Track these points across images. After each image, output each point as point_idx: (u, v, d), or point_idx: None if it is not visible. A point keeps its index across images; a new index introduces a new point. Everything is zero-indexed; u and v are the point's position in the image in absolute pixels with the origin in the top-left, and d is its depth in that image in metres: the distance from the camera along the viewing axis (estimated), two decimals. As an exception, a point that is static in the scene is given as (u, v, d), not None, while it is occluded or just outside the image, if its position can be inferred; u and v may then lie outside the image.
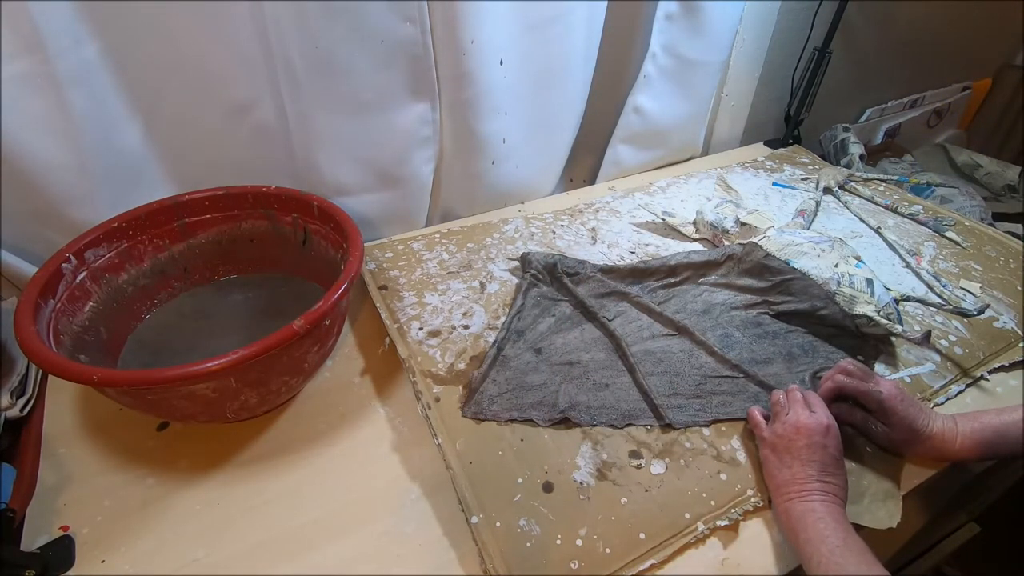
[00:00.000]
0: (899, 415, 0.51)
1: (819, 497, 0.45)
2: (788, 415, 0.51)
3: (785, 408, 0.52)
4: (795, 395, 0.53)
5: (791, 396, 0.53)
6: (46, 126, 0.56)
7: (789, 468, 0.48)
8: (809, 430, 0.49)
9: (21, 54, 0.52)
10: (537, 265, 0.72)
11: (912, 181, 1.06)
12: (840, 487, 0.47)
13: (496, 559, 0.44)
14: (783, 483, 0.48)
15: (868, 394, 0.52)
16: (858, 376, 0.54)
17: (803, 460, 0.48)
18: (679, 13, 0.84)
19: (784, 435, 0.50)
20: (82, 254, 0.56)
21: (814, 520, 0.44)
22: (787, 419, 0.51)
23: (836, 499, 0.46)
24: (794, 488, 0.47)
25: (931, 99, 1.39)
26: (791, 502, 0.46)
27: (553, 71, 0.79)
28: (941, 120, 1.45)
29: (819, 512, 0.44)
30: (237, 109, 0.65)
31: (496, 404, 0.56)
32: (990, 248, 0.83)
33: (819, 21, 1.00)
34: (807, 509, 0.45)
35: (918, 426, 0.51)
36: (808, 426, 0.49)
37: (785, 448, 0.49)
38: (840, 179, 0.97)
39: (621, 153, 0.97)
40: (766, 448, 0.51)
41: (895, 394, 0.52)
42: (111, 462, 0.53)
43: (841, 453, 0.49)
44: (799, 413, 0.51)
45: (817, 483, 0.46)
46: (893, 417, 0.51)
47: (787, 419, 0.51)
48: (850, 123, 1.26)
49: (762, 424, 0.53)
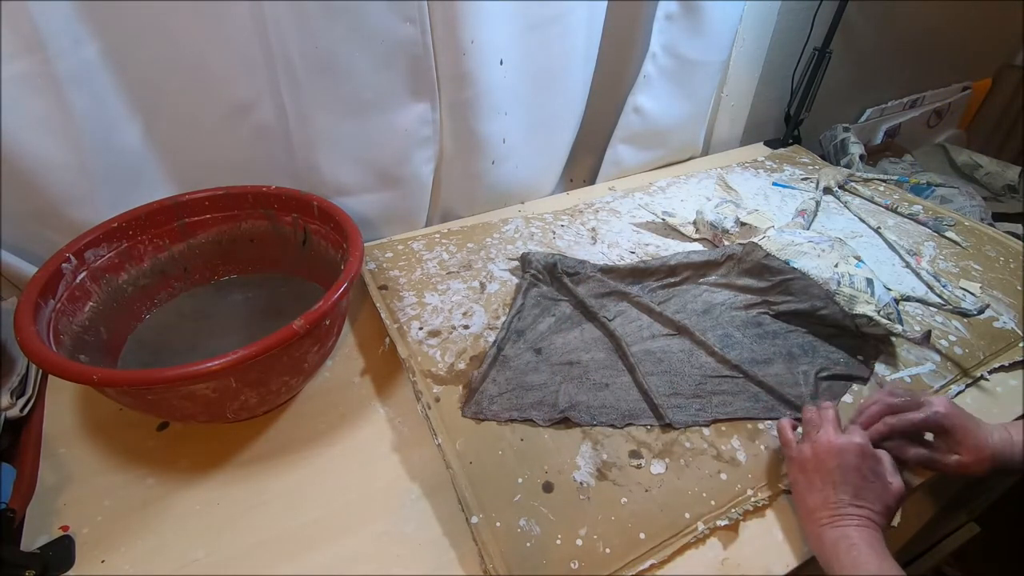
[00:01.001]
0: (963, 430, 0.47)
1: (853, 522, 0.43)
2: (819, 434, 0.48)
3: (817, 426, 0.49)
4: (828, 413, 0.50)
5: (824, 414, 0.50)
6: (46, 126, 0.55)
7: (820, 491, 0.45)
8: (841, 451, 0.45)
9: (21, 54, 0.52)
10: (537, 265, 0.72)
11: (912, 181, 1.06)
12: (877, 512, 0.44)
13: (496, 559, 0.44)
14: (815, 507, 0.45)
15: (926, 423, 0.48)
16: (905, 407, 0.49)
17: (835, 483, 0.45)
18: (679, 13, 0.84)
19: (814, 456, 0.47)
20: (82, 254, 0.56)
21: (847, 547, 0.41)
22: (818, 438, 0.47)
23: (872, 524, 0.43)
24: (826, 513, 0.44)
25: (931, 99, 1.39)
26: (823, 528, 0.44)
27: (553, 71, 0.79)
28: (941, 120, 1.45)
29: (853, 539, 0.42)
30: (237, 109, 0.65)
31: (496, 404, 0.56)
32: (990, 248, 0.83)
33: (819, 21, 1.00)
34: (840, 535, 0.42)
35: (982, 440, 0.47)
36: (840, 447, 0.46)
37: (815, 469, 0.46)
38: (840, 179, 0.97)
39: (621, 153, 0.97)
40: (795, 468, 0.48)
41: (952, 410, 0.47)
42: (111, 462, 0.53)
43: (878, 476, 0.45)
44: (830, 432, 0.47)
45: (851, 507, 0.44)
46: (959, 435, 0.47)
47: (818, 438, 0.47)
48: (850, 123, 1.26)
49: (792, 443, 0.50)
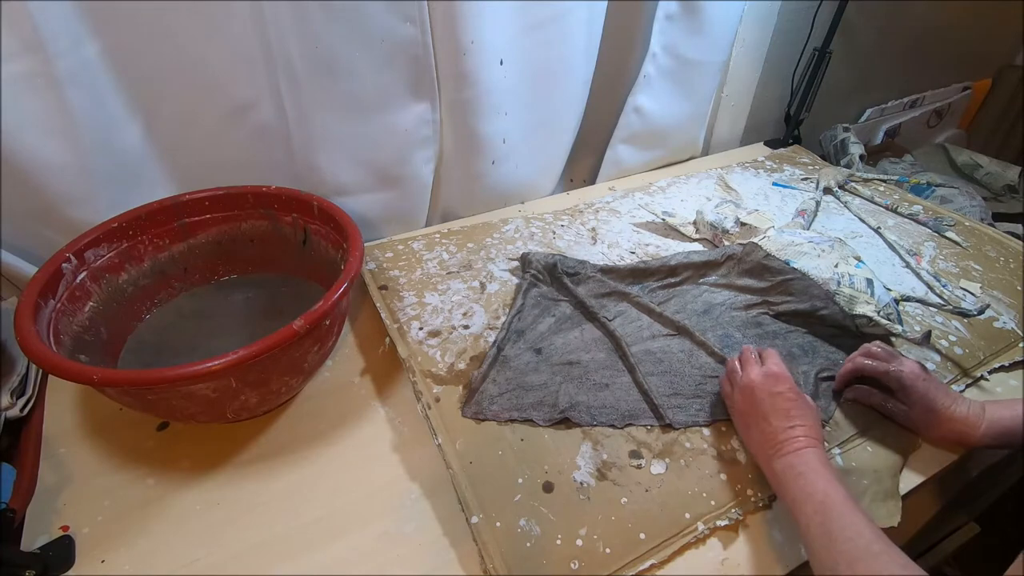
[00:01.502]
0: (919, 393, 0.51)
1: (792, 447, 0.45)
2: (741, 378, 0.52)
3: (738, 371, 0.53)
4: (747, 355, 0.54)
5: (744, 357, 0.54)
6: (46, 126, 0.56)
7: (758, 427, 0.48)
8: (760, 385, 0.49)
9: (21, 54, 0.52)
10: (537, 265, 0.72)
11: (912, 181, 1.06)
12: (809, 426, 0.47)
13: (496, 559, 0.44)
14: (758, 446, 0.48)
15: (887, 374, 0.53)
16: (881, 357, 0.54)
17: (765, 415, 0.48)
18: (679, 13, 0.84)
19: (743, 398, 0.51)
20: (82, 254, 0.56)
21: (794, 476, 0.44)
22: (741, 382, 0.51)
23: (810, 441, 0.46)
24: (769, 447, 0.47)
25: (931, 99, 1.39)
26: (770, 461, 0.47)
27: (553, 71, 0.79)
28: (941, 120, 1.45)
29: (797, 467, 0.44)
30: (237, 109, 0.65)
31: (496, 404, 0.56)
32: (990, 248, 0.83)
33: (819, 21, 1.00)
34: (785, 466, 0.45)
35: (938, 406, 0.51)
36: (757, 382, 0.50)
37: (747, 411, 0.50)
38: (840, 179, 0.97)
39: (621, 153, 0.97)
40: (734, 415, 0.52)
41: (916, 373, 0.52)
42: (111, 462, 0.53)
43: (798, 394, 0.49)
44: (750, 372, 0.51)
45: (785, 433, 0.46)
46: (913, 395, 0.52)
47: (741, 382, 0.51)
48: (850, 123, 1.26)
49: (730, 394, 0.54)
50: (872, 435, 0.55)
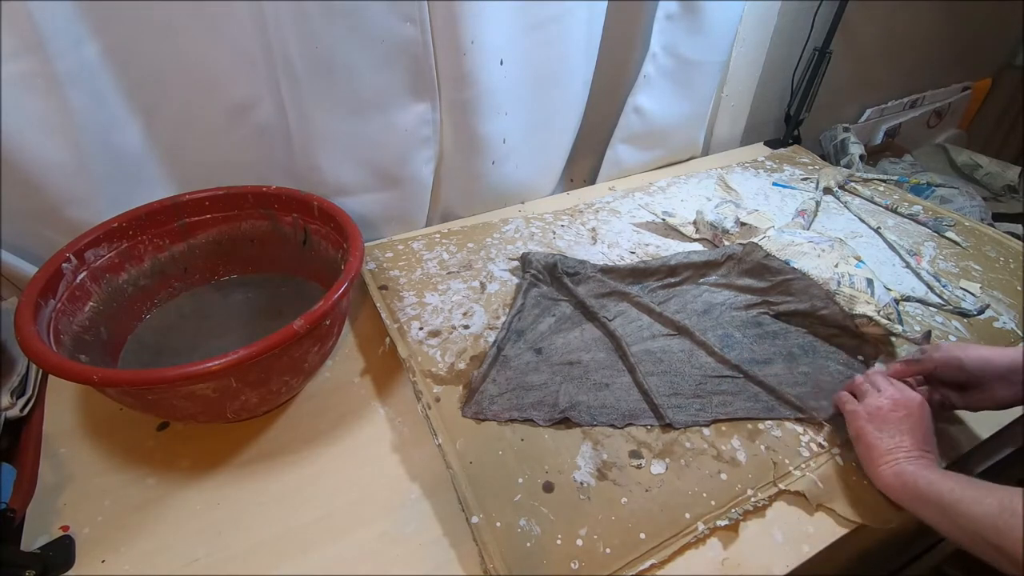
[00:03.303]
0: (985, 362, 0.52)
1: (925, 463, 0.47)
2: (884, 391, 0.53)
3: (873, 386, 0.54)
4: (877, 377, 0.55)
5: (873, 378, 0.55)
6: (46, 126, 0.56)
7: (892, 437, 0.50)
8: (910, 404, 0.51)
9: (21, 54, 0.52)
10: (537, 265, 0.72)
11: (912, 181, 1.06)
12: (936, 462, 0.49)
13: (496, 559, 0.44)
14: (891, 449, 0.49)
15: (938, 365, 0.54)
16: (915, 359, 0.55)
17: (904, 431, 0.50)
18: (679, 13, 0.84)
19: (884, 407, 0.51)
20: (82, 254, 0.56)
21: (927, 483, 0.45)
22: (885, 393, 0.52)
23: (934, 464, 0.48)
24: (901, 454, 0.48)
25: (931, 99, 1.40)
26: (899, 464, 0.48)
27: (553, 71, 0.79)
28: (941, 120, 1.45)
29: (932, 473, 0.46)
30: (237, 109, 0.65)
31: (496, 404, 0.56)
32: (990, 248, 0.83)
33: (819, 21, 1.00)
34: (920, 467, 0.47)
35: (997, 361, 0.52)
36: (910, 399, 0.51)
37: (884, 419, 0.51)
38: (840, 179, 0.97)
39: (621, 153, 0.97)
40: (861, 420, 0.52)
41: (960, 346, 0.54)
42: (111, 462, 0.53)
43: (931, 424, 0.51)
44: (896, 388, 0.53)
45: (919, 451, 0.48)
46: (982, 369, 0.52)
47: (885, 393, 0.52)
48: (850, 123, 1.26)
49: (853, 399, 0.54)
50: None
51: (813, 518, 0.49)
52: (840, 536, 0.48)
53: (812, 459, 0.53)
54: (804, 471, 0.52)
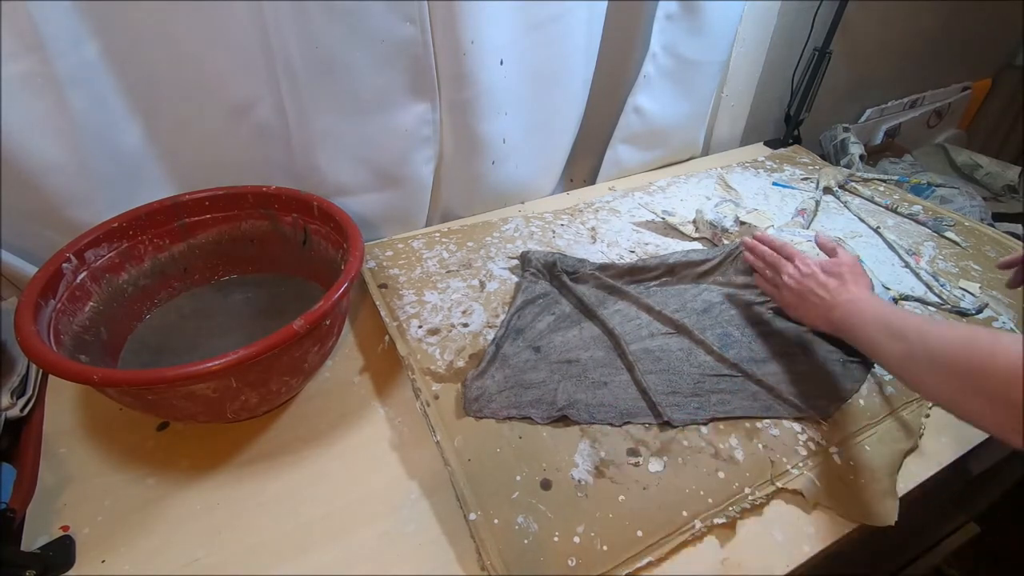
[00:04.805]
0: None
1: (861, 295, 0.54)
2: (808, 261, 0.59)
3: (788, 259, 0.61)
4: (791, 248, 0.62)
5: (788, 249, 0.62)
6: (46, 126, 0.56)
7: (844, 287, 0.55)
8: (849, 261, 0.57)
9: (21, 54, 0.52)
10: (537, 263, 0.72)
11: (912, 181, 1.06)
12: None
13: (494, 556, 0.44)
14: (849, 296, 0.54)
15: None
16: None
17: (852, 282, 0.55)
18: (679, 13, 0.84)
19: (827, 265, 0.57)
20: (82, 254, 0.56)
21: (895, 309, 0.50)
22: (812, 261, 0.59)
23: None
24: (863, 294, 0.54)
25: (931, 99, 1.39)
26: (862, 302, 0.53)
27: (553, 71, 0.79)
28: (941, 120, 1.45)
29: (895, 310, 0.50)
30: (237, 109, 0.65)
31: (495, 402, 0.57)
32: (990, 248, 0.83)
33: (819, 21, 1.00)
34: (883, 303, 0.52)
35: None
36: (846, 257, 0.58)
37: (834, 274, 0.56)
38: (840, 179, 0.97)
39: (621, 153, 0.97)
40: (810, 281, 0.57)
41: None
42: (111, 462, 0.53)
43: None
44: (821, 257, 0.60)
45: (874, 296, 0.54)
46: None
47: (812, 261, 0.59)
48: (850, 123, 1.26)
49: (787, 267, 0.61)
50: (870, 434, 0.55)
51: (814, 518, 0.49)
52: (840, 536, 0.48)
53: (810, 458, 0.53)
54: (802, 470, 0.52)
